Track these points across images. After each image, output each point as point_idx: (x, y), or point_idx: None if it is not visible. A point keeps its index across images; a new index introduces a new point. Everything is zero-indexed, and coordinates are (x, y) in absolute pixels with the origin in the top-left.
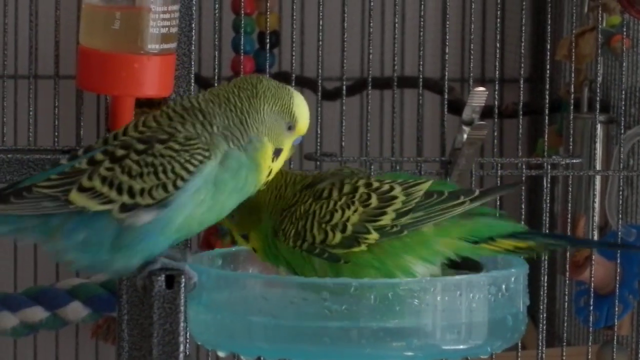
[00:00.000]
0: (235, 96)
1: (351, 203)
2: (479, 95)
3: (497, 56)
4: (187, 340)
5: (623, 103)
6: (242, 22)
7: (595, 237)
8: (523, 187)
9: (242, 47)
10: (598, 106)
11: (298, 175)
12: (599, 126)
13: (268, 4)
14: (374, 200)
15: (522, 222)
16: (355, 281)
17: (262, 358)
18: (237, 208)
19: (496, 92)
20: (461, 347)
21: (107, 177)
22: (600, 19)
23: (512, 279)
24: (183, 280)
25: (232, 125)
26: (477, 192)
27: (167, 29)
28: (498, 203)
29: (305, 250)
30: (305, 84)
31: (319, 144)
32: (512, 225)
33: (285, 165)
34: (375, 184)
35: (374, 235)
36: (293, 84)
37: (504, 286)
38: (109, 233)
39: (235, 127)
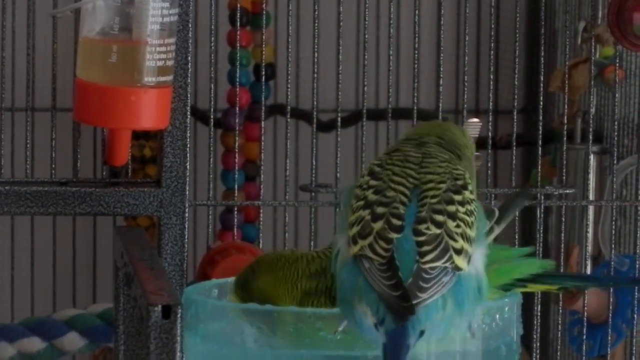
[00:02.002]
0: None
1: None
2: (473, 127)
3: (491, 87)
4: None
5: (616, 134)
6: (238, 54)
7: (589, 267)
8: (517, 218)
9: (238, 80)
10: (591, 137)
11: (305, 257)
12: (592, 157)
13: (264, 37)
14: None
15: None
16: None
17: None
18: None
19: (490, 123)
20: None
21: (461, 233)
22: (593, 50)
23: (506, 308)
24: (180, 310)
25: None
26: (496, 212)
27: (163, 61)
28: None
29: None
30: (300, 116)
31: (314, 175)
32: (539, 264)
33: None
34: None
35: None
36: (288, 116)
37: (497, 316)
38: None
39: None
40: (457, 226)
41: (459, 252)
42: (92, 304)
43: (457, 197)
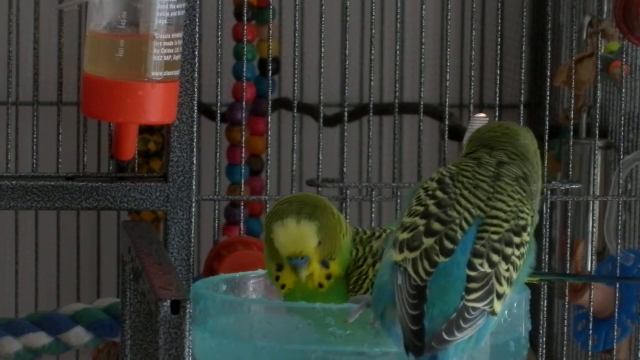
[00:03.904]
0: (534, 163)
1: None
2: (480, 121)
3: (497, 82)
4: None
5: (622, 129)
6: (245, 49)
7: (594, 262)
8: None
9: (244, 74)
10: (597, 132)
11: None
12: (597, 151)
13: (270, 31)
14: None
15: None
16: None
17: None
18: (325, 234)
19: (496, 118)
20: None
21: (507, 277)
22: (599, 45)
23: (514, 304)
24: (188, 305)
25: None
26: None
27: (170, 56)
28: None
29: None
30: (305, 110)
31: (320, 169)
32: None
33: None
34: None
35: None
36: (295, 111)
37: (506, 311)
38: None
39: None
40: (507, 270)
41: (500, 296)
42: (96, 299)
43: (516, 239)
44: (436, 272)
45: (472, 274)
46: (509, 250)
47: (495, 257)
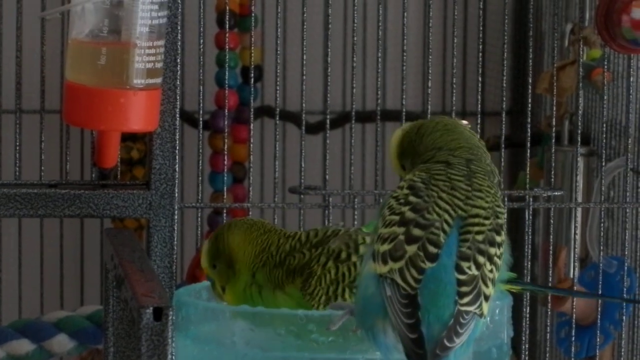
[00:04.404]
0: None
1: None
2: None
3: (479, 89)
4: None
5: (604, 136)
6: (227, 56)
7: (577, 269)
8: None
9: (226, 82)
10: (579, 139)
11: (281, 231)
12: (580, 159)
13: (252, 39)
14: None
15: None
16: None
17: None
18: (219, 259)
19: (478, 125)
20: None
21: (491, 278)
22: (581, 52)
23: (497, 310)
24: (171, 312)
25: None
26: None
27: (152, 64)
28: None
29: None
30: (287, 117)
31: (302, 177)
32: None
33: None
34: None
35: None
36: (277, 118)
37: (488, 318)
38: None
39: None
40: (491, 271)
41: (487, 298)
42: (79, 306)
43: (497, 239)
44: (425, 279)
45: (462, 277)
46: (492, 251)
47: (480, 259)
